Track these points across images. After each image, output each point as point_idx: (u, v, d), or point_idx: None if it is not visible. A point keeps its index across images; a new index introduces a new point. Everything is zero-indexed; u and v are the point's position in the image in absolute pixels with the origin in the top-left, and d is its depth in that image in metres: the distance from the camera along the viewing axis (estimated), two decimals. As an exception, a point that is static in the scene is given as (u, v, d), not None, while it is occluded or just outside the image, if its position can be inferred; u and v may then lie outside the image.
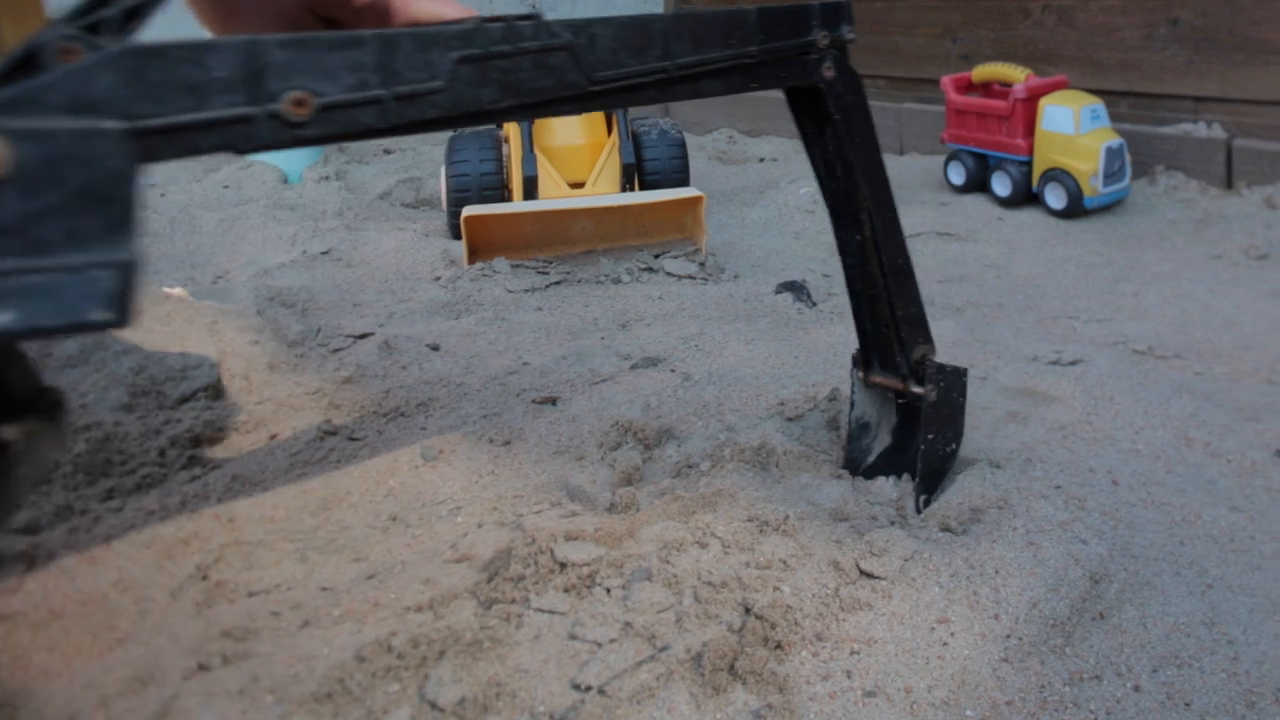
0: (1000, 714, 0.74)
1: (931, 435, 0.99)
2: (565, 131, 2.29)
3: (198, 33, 0.73)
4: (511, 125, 2.27)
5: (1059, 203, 2.36)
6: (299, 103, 0.60)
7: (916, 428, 1.00)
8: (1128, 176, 2.37)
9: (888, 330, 0.97)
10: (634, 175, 2.25)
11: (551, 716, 0.73)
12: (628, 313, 1.80)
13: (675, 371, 1.47)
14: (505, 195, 2.24)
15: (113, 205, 0.53)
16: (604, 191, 2.22)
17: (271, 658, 0.82)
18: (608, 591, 0.86)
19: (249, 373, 1.39)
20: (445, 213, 2.27)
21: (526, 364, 1.53)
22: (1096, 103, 2.37)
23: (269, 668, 0.80)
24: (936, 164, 2.85)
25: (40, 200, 0.51)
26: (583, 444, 1.21)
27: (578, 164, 2.27)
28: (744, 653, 0.77)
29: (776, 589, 0.84)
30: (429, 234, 2.29)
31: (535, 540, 0.93)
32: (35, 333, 0.50)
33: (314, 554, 1.00)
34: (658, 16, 0.78)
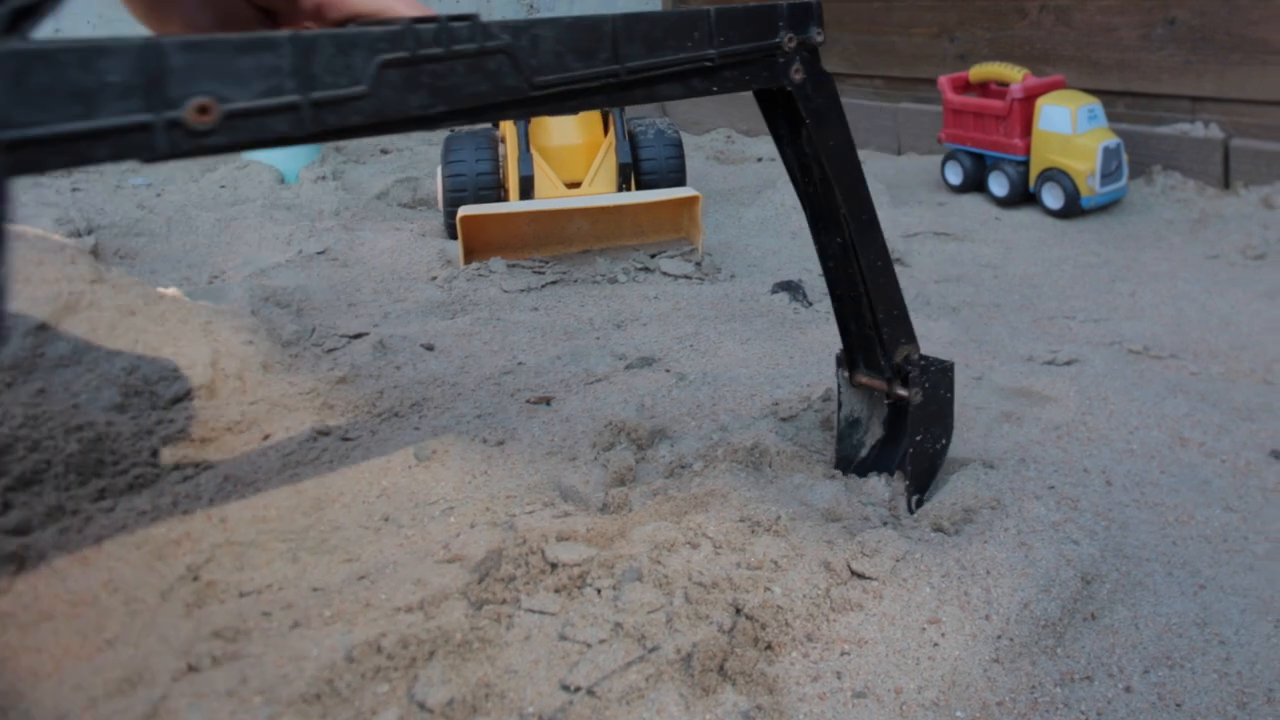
0: (991, 715, 0.74)
1: (920, 436, 0.99)
2: (562, 131, 2.29)
3: (134, 29, 0.71)
4: (508, 125, 2.27)
5: (1056, 202, 2.36)
6: (203, 110, 0.57)
7: (906, 425, 1.00)
8: (1125, 176, 2.37)
9: (871, 332, 0.97)
10: (630, 175, 2.25)
11: (540, 717, 0.73)
12: (623, 313, 1.80)
13: (670, 372, 1.47)
14: (501, 195, 2.24)
15: None
16: (600, 191, 2.22)
17: (261, 658, 0.81)
18: (598, 592, 0.86)
19: (243, 373, 1.39)
20: (441, 212, 2.27)
21: (521, 364, 1.53)
22: (1094, 102, 2.36)
23: (258, 669, 0.80)
24: (934, 164, 2.84)
25: None
26: (576, 444, 1.21)
27: (574, 164, 2.26)
28: (734, 653, 0.77)
29: (767, 589, 0.84)
30: (425, 234, 2.28)
31: (526, 541, 0.93)
32: None
33: (306, 554, 1.00)
34: (608, 17, 0.74)
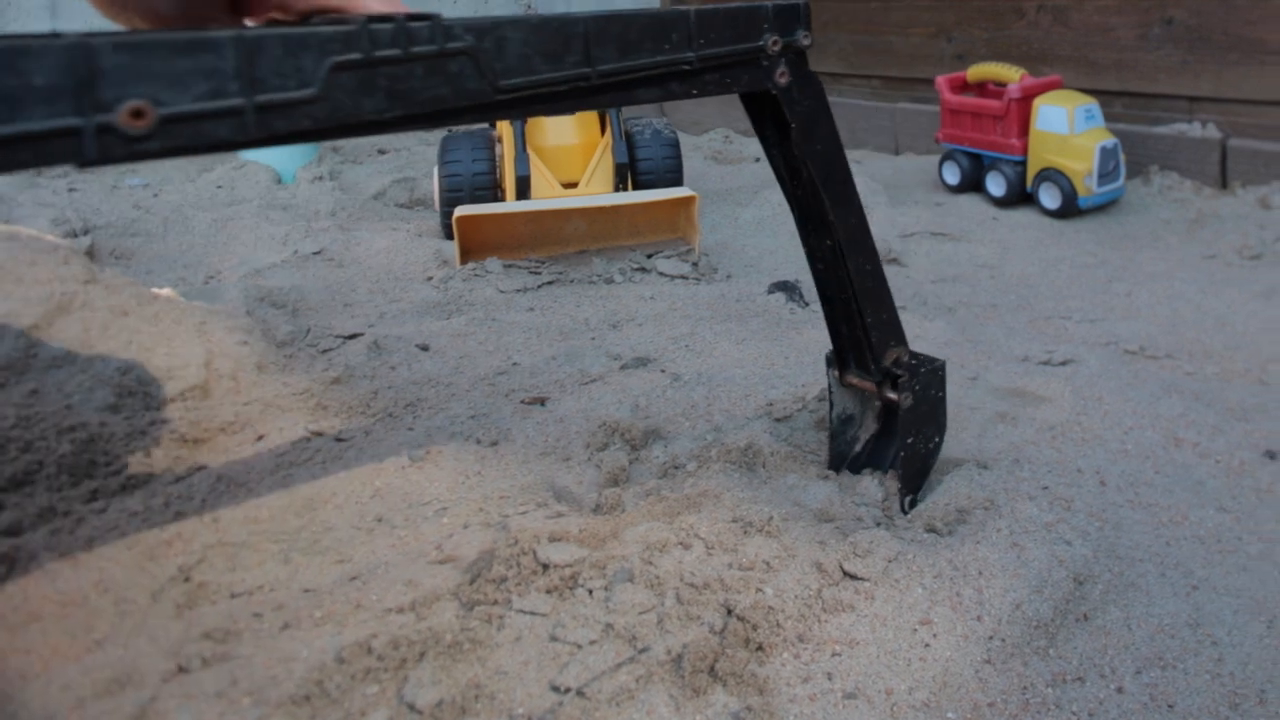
0: (982, 715, 0.74)
1: (911, 439, 0.98)
2: (558, 131, 2.28)
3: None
4: (505, 125, 2.26)
5: (1053, 202, 2.36)
6: (137, 114, 0.53)
7: (897, 428, 1.00)
8: (1122, 176, 2.37)
9: (860, 334, 0.96)
10: (627, 175, 2.25)
11: (530, 718, 0.73)
12: (619, 313, 1.79)
13: (665, 372, 1.47)
14: (498, 195, 2.24)
15: None
16: (597, 191, 2.22)
17: (251, 660, 0.81)
18: (590, 593, 0.86)
19: (237, 373, 1.39)
20: (438, 213, 2.27)
21: (516, 364, 1.53)
22: (1091, 103, 2.36)
23: (248, 670, 0.80)
24: (932, 164, 2.84)
25: None
26: (570, 444, 1.21)
27: (571, 164, 2.26)
28: (725, 654, 0.77)
29: (759, 590, 0.83)
30: (422, 234, 2.28)
31: (518, 541, 0.93)
32: None
33: (298, 555, 1.00)
34: (579, 18, 0.71)
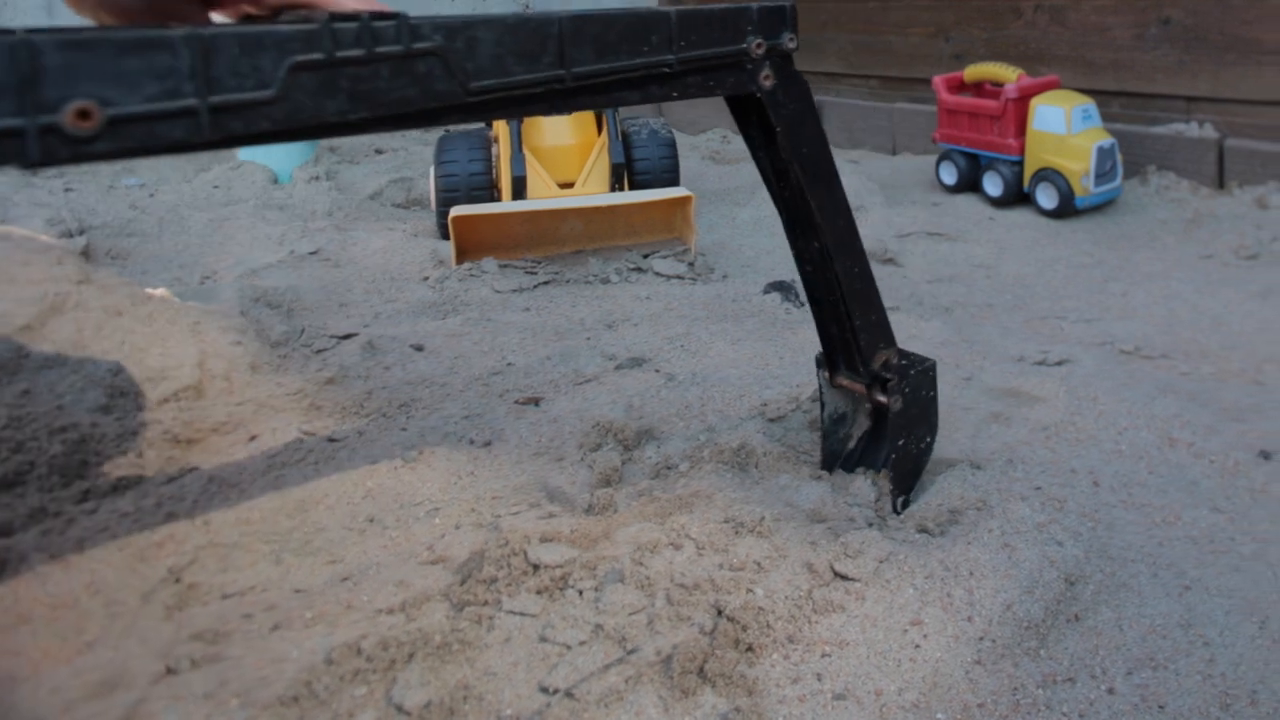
0: (972, 716, 0.74)
1: (902, 441, 0.98)
2: (555, 131, 2.28)
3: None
4: (500, 125, 2.26)
5: (1050, 203, 2.36)
6: (83, 114, 0.51)
7: (887, 430, 0.99)
8: (1119, 176, 2.36)
9: (849, 336, 0.96)
10: (623, 175, 2.25)
11: (518, 719, 0.73)
12: (615, 313, 1.79)
13: (659, 372, 1.46)
14: (494, 195, 2.24)
15: None
16: (593, 191, 2.21)
17: (241, 661, 0.81)
18: (580, 593, 0.85)
19: (230, 373, 1.39)
20: (434, 213, 2.26)
21: (511, 364, 1.52)
22: (1088, 102, 2.36)
23: (237, 671, 0.80)
24: (929, 164, 2.84)
25: None
26: (563, 445, 1.20)
27: (567, 164, 2.26)
28: (714, 655, 0.77)
29: (749, 591, 0.83)
30: (418, 234, 2.28)
31: (509, 542, 0.92)
32: None
33: (289, 556, 0.99)
34: (555, 17, 0.69)
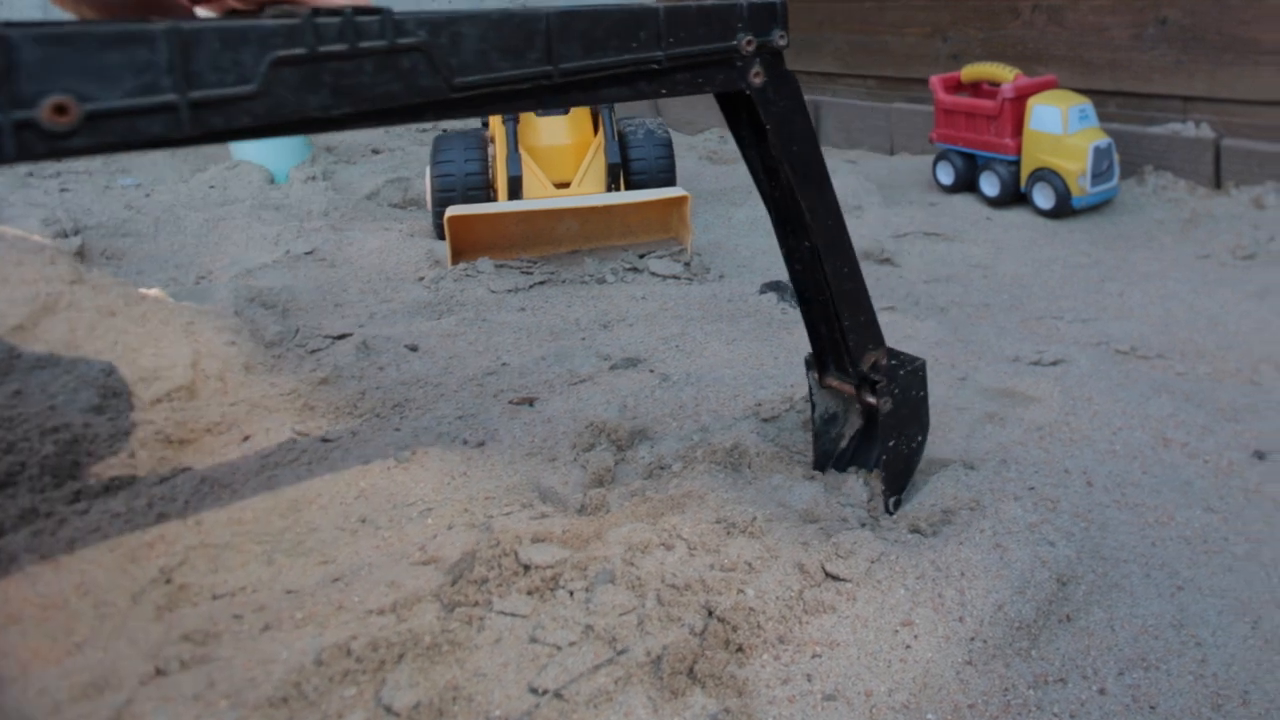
0: (962, 717, 0.73)
1: (892, 441, 0.98)
2: (551, 131, 2.28)
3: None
4: (497, 125, 2.26)
5: (1047, 203, 2.35)
6: (60, 109, 0.51)
7: (878, 431, 0.99)
8: (1116, 176, 2.36)
9: (839, 336, 0.96)
10: (619, 175, 2.24)
11: (507, 721, 0.72)
12: (610, 313, 1.79)
13: (654, 372, 1.46)
14: (490, 195, 2.23)
15: None
16: (589, 191, 2.21)
17: (230, 662, 0.81)
18: (571, 594, 0.85)
19: (224, 374, 1.39)
20: (430, 213, 2.26)
21: (505, 365, 1.52)
22: (1085, 102, 2.36)
23: (227, 672, 0.79)
24: (927, 164, 2.84)
25: None
26: (557, 445, 1.20)
27: (563, 164, 2.26)
28: (704, 656, 0.77)
29: (740, 591, 0.83)
30: (414, 234, 2.28)
31: (500, 543, 0.92)
32: None
33: (281, 556, 0.99)
34: (542, 13, 0.69)
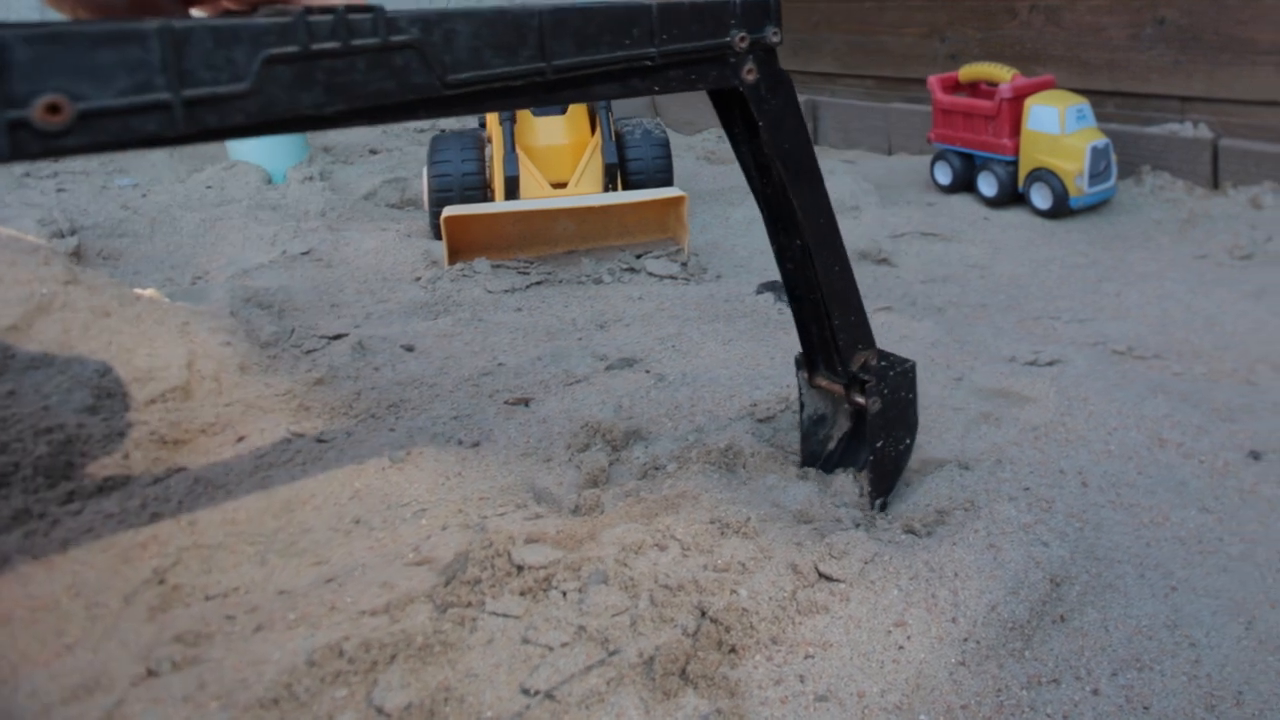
0: (955, 718, 0.73)
1: (880, 443, 0.97)
2: (548, 131, 2.28)
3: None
4: (494, 125, 2.26)
5: (1045, 203, 2.35)
6: (53, 109, 0.51)
7: (865, 432, 0.99)
8: (1114, 176, 2.36)
9: (829, 335, 0.95)
10: (617, 175, 2.24)
11: (499, 722, 0.72)
12: (607, 313, 1.79)
13: (650, 372, 1.46)
14: (487, 195, 2.23)
15: None
16: (586, 191, 2.21)
17: (222, 663, 0.81)
18: (563, 595, 0.85)
19: (219, 374, 1.38)
20: (427, 213, 2.26)
21: (501, 365, 1.52)
22: (1082, 102, 2.36)
23: (218, 673, 0.79)
24: (925, 164, 2.84)
25: None
26: (551, 445, 1.20)
27: (560, 164, 2.26)
28: (696, 657, 0.76)
29: (734, 592, 0.83)
30: (411, 234, 2.27)
31: (493, 543, 0.92)
32: None
33: (274, 557, 0.99)
34: (535, 10, 0.69)
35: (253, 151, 2.83)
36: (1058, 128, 2.31)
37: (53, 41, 0.52)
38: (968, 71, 2.56)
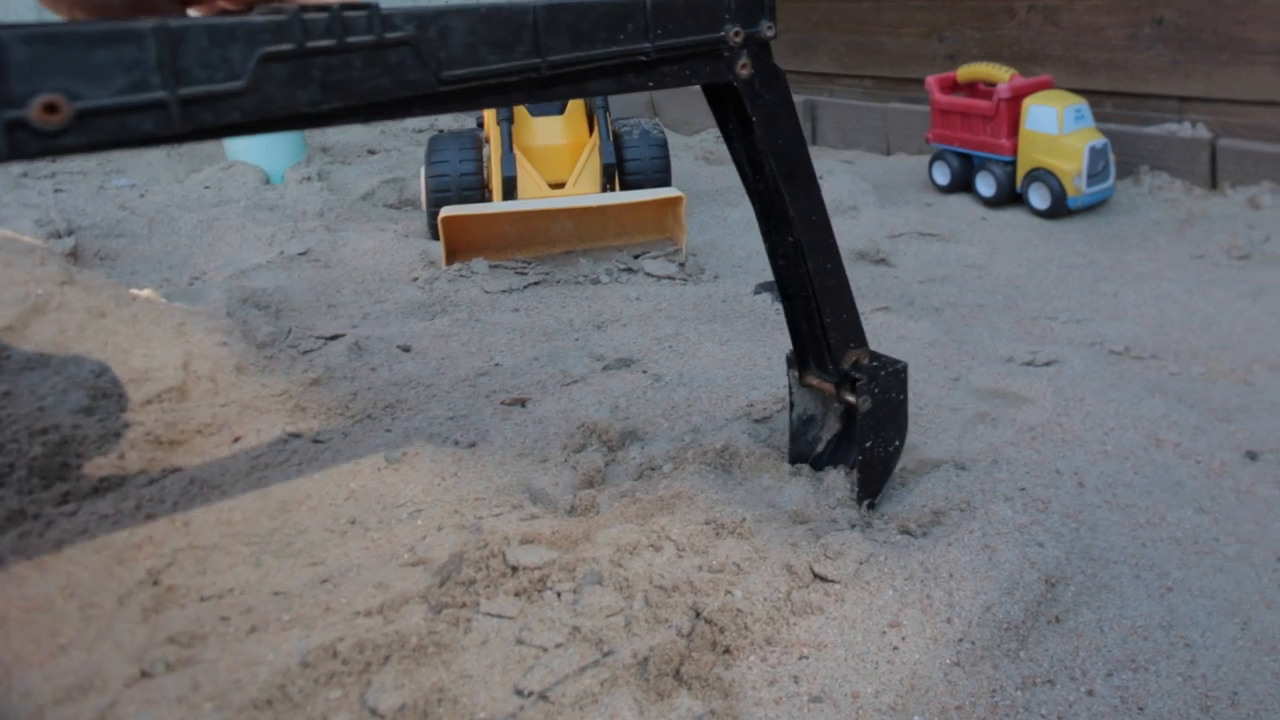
0: (949, 718, 0.73)
1: (870, 443, 0.97)
2: (546, 131, 2.28)
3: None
4: (492, 125, 2.26)
5: (1043, 203, 2.35)
6: (50, 108, 0.52)
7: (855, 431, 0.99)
8: (1112, 176, 2.36)
9: (820, 334, 0.95)
10: (615, 175, 2.24)
11: (492, 723, 0.72)
12: (604, 313, 1.79)
13: (647, 373, 1.46)
14: (485, 195, 2.23)
15: None
16: (584, 192, 2.21)
17: (216, 664, 0.81)
18: (558, 595, 0.85)
19: (215, 374, 1.38)
20: (425, 213, 2.26)
21: (498, 365, 1.52)
22: (1080, 102, 2.36)
23: (212, 674, 0.79)
24: (923, 164, 2.83)
25: None
26: (548, 446, 1.20)
27: (558, 164, 2.25)
28: (691, 658, 0.76)
29: (728, 593, 0.83)
30: (409, 235, 2.27)
31: (488, 544, 0.92)
32: None
33: (269, 558, 0.99)
34: (530, 6, 0.70)
35: (250, 152, 2.83)
36: (1056, 128, 2.31)
37: (50, 42, 0.52)
38: (966, 71, 2.56)
